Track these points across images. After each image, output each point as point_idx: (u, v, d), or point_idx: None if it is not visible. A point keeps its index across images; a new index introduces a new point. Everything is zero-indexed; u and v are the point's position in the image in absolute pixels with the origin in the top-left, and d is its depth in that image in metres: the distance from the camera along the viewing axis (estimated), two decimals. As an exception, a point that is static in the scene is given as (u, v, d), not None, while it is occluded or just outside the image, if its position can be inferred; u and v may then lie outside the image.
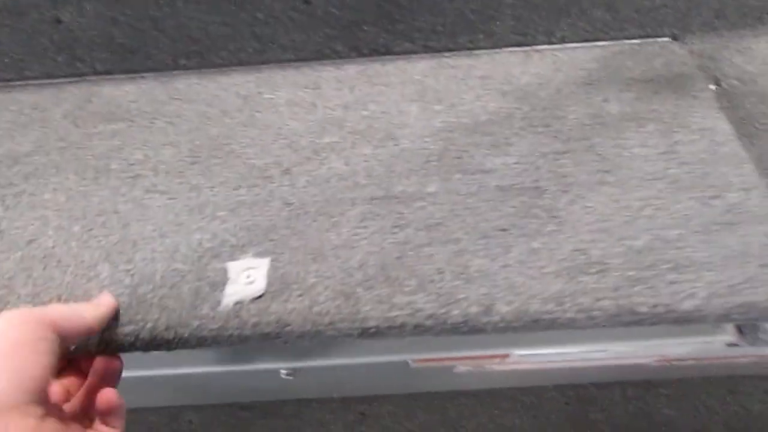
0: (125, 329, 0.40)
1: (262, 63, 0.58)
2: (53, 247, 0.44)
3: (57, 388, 0.38)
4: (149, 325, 0.39)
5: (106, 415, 0.36)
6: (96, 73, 0.59)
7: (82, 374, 0.39)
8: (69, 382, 0.39)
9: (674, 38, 0.56)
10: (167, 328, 0.39)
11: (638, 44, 0.55)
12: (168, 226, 0.45)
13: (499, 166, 0.46)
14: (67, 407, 0.37)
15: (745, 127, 0.50)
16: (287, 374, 0.47)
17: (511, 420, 0.69)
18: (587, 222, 0.42)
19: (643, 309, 0.38)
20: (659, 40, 0.55)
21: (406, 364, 0.41)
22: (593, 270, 0.40)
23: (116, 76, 0.58)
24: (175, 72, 0.58)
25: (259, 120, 0.52)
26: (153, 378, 0.39)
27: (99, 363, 0.39)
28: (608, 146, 0.47)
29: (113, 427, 0.37)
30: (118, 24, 0.59)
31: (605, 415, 0.69)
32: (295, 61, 0.57)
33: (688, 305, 0.38)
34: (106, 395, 0.36)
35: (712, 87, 0.52)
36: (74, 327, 0.35)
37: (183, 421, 0.73)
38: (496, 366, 0.54)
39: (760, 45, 0.55)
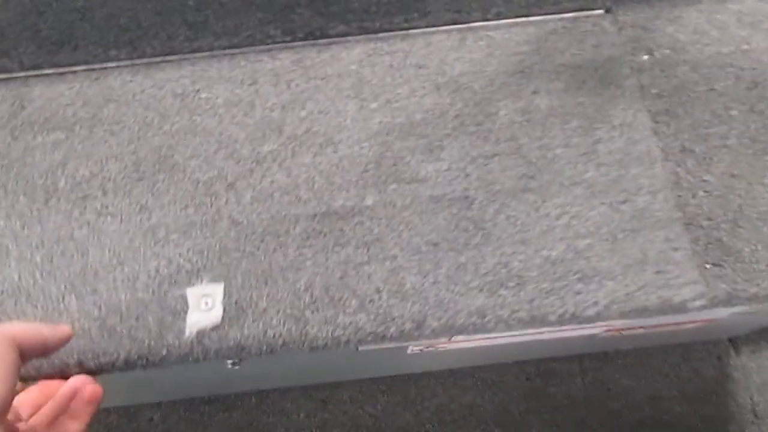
0: (101, 360, 0.46)
1: (195, 51, 0.58)
2: (19, 280, 0.48)
3: (24, 403, 0.42)
4: (122, 356, 0.46)
5: (86, 406, 0.40)
6: (23, 68, 0.58)
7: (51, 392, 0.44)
8: (35, 398, 0.43)
9: (608, 11, 0.57)
10: (139, 357, 0.46)
11: (572, 19, 0.56)
12: (125, 252, 0.49)
13: (432, 174, 0.50)
14: (34, 420, 0.40)
15: (678, 95, 0.53)
16: (232, 364, 0.54)
17: (473, 398, 0.79)
18: (510, 233, 0.48)
19: (552, 318, 0.45)
20: (593, 13, 0.57)
21: (354, 348, 0.48)
22: (512, 284, 0.46)
23: (46, 73, 0.58)
24: (106, 66, 0.57)
25: (199, 125, 0.54)
26: (107, 377, 0.45)
27: (73, 381, 0.43)
28: (534, 147, 0.51)
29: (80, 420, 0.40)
30: (44, 15, 0.58)
31: (565, 388, 0.80)
32: (228, 47, 0.58)
33: (590, 312, 0.45)
34: (91, 387, 0.40)
35: (645, 57, 0.55)
36: (33, 345, 0.38)
37: (143, 419, 0.80)
38: (448, 345, 0.62)
39: (691, 14, 0.56)
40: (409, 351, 0.61)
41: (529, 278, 0.46)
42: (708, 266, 0.47)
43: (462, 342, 0.60)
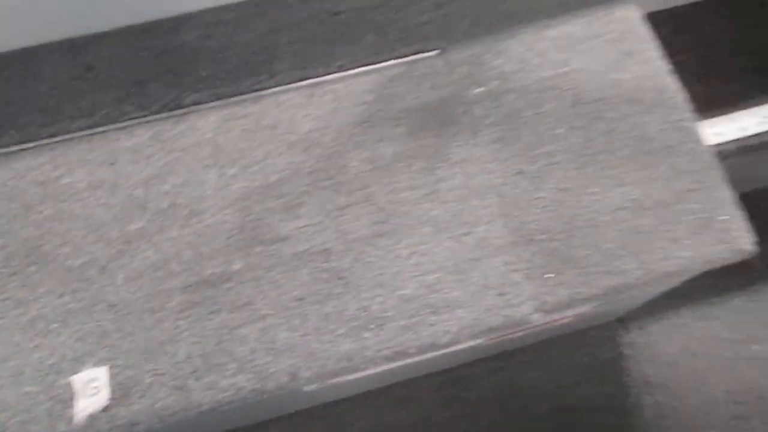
0: (-3, 458, 0.51)
1: (53, 136, 0.62)
2: None
3: None
4: (17, 451, 0.51)
5: None
6: None
7: None
8: None
9: (441, 52, 0.65)
10: (34, 449, 0.51)
11: (409, 63, 0.64)
12: (6, 348, 0.54)
13: (292, 232, 0.58)
14: None
15: (509, 122, 0.62)
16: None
17: (391, 415, 0.87)
18: (367, 278, 0.56)
19: (412, 351, 0.54)
20: (428, 55, 0.65)
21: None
22: (373, 326, 0.54)
23: None
24: (-36, 163, 0.62)
25: (65, 212, 0.59)
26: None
27: None
28: (383, 193, 0.59)
29: None
30: None
31: (475, 392, 0.89)
32: (86, 128, 0.63)
33: (445, 340, 0.54)
34: None
35: (478, 90, 0.64)
36: None
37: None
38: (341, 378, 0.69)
39: (515, 45, 0.65)
40: (306, 389, 0.69)
41: (387, 318, 0.54)
42: (548, 276, 0.57)
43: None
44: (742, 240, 0.59)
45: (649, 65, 0.65)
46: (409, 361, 0.55)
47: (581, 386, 0.92)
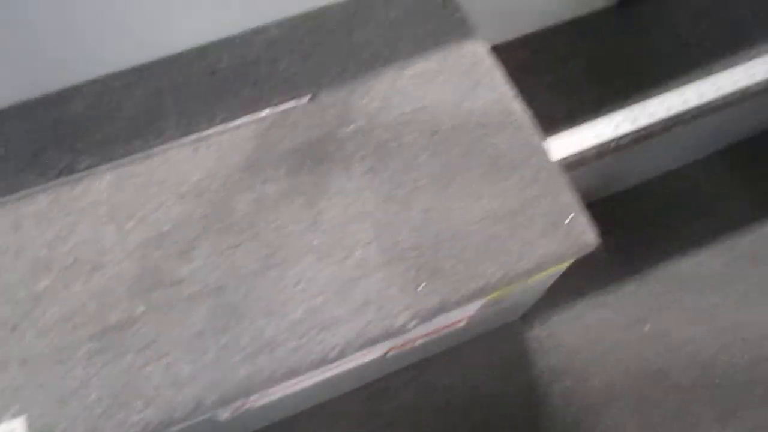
0: None
1: (-43, 211, 0.67)
2: None
3: None
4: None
5: None
6: None
7: None
8: None
9: (312, 97, 0.73)
10: (-41, 505, 0.55)
11: (285, 111, 0.72)
12: (-74, 414, 0.58)
13: (188, 274, 0.63)
14: None
15: (377, 154, 0.70)
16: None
17: None
18: (260, 308, 0.62)
19: (304, 367, 0.60)
20: (301, 101, 0.72)
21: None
22: (267, 349, 0.60)
23: None
24: None
25: (-26, 280, 0.64)
26: None
27: None
28: (269, 230, 0.66)
29: None
30: None
31: (396, 401, 0.95)
32: (-12, 200, 0.67)
33: (333, 354, 0.61)
34: None
35: (348, 128, 0.71)
36: None
37: None
38: (257, 402, 0.75)
39: (378, 85, 0.73)
40: (221, 419, 0.74)
41: (279, 341, 0.61)
42: (420, 288, 0.64)
43: (269, 396, 0.74)
44: (587, 236, 0.68)
45: (497, 92, 0.74)
46: (324, 377, 0.62)
47: (493, 383, 1.00)
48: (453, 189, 0.69)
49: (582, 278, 1.06)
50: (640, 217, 1.12)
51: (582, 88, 0.94)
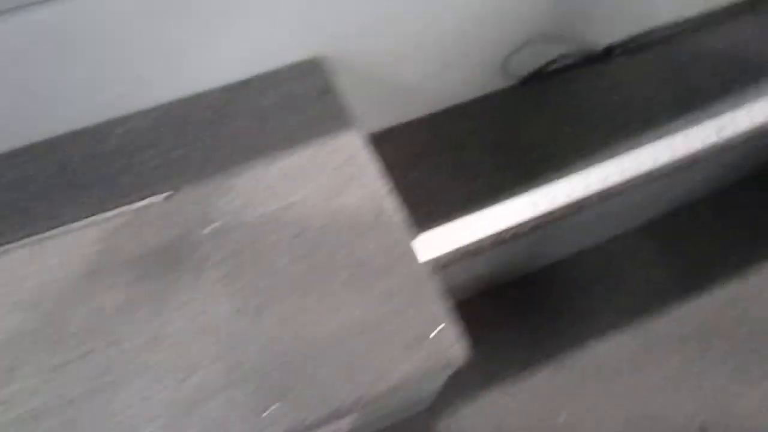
0: None
1: None
2: None
3: None
4: None
5: None
6: None
7: None
8: None
9: (171, 194, 0.68)
10: None
11: (139, 209, 0.67)
12: None
13: (7, 397, 0.57)
14: None
15: (235, 258, 0.65)
16: None
17: None
18: (81, 439, 0.56)
19: None
20: (157, 199, 0.67)
21: None
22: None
23: None
24: None
25: None
26: None
27: None
28: (103, 346, 0.60)
29: None
30: None
31: None
32: None
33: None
34: None
35: (206, 230, 0.67)
36: None
37: None
38: None
39: (243, 181, 0.69)
40: None
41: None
42: (266, 413, 0.59)
43: None
44: (455, 349, 0.63)
45: (369, 189, 0.70)
46: None
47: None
48: (312, 298, 0.64)
49: (494, 363, 1.01)
50: (555, 298, 1.08)
51: (481, 172, 0.91)
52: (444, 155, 0.91)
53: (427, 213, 0.73)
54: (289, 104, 0.74)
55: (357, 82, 0.83)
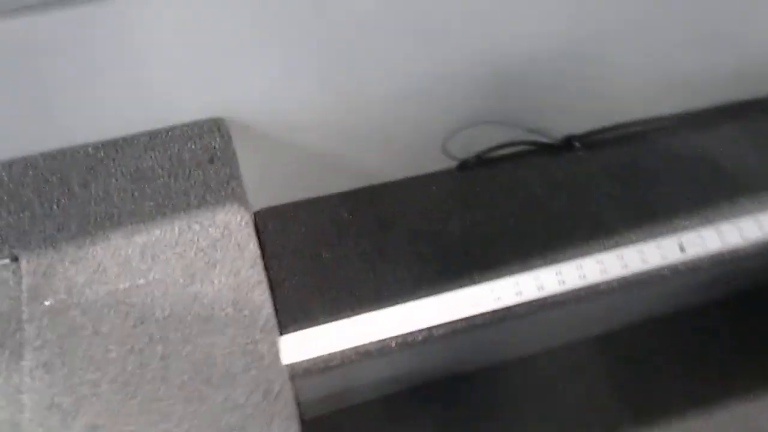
0: None
1: None
2: None
3: None
4: None
5: None
6: None
7: None
8: None
9: (14, 259, 0.60)
10: None
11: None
12: None
13: None
14: None
15: (61, 344, 0.56)
16: None
17: None
18: None
19: None
20: (-4, 263, 0.60)
21: None
22: None
23: None
24: None
25: None
26: None
27: None
28: None
29: None
30: None
31: None
32: None
33: None
34: None
35: (40, 306, 0.58)
36: None
37: None
38: None
39: (96, 252, 0.61)
40: None
41: None
42: None
43: None
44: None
45: (237, 276, 0.61)
46: None
47: None
48: (137, 401, 0.54)
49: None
50: (476, 409, 0.96)
51: (402, 262, 0.81)
52: (359, 238, 0.82)
53: (319, 307, 0.64)
54: (172, 168, 0.66)
55: (264, 149, 0.75)
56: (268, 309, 0.60)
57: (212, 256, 0.62)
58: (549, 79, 0.80)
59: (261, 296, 0.60)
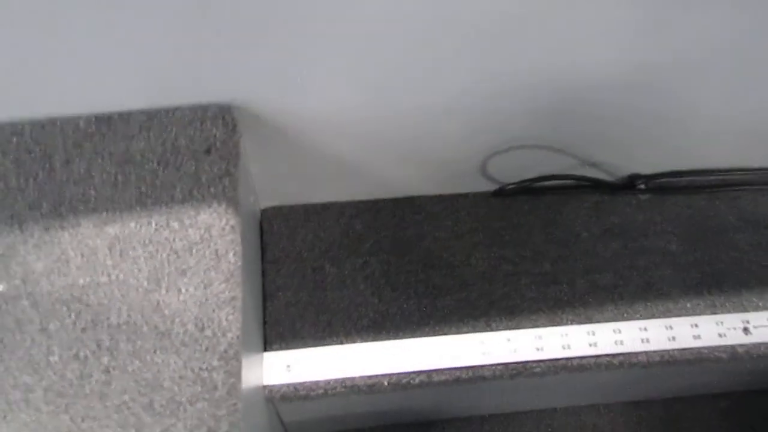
0: None
1: None
2: None
3: None
4: None
5: None
6: None
7: None
8: None
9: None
10: None
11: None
12: None
13: None
14: None
15: (3, 339, 0.51)
16: None
17: None
18: None
19: None
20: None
21: None
22: None
23: None
24: None
25: None
26: None
27: None
28: None
29: None
30: None
31: None
32: None
33: None
34: None
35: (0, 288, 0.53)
36: None
37: None
38: None
39: (64, 237, 0.55)
40: None
41: None
42: None
43: None
44: None
45: (207, 290, 0.54)
46: None
47: None
48: (67, 418, 0.48)
49: None
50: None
51: (411, 292, 0.72)
52: (369, 256, 0.73)
53: (311, 327, 0.57)
54: (164, 154, 0.60)
55: (279, 143, 0.68)
56: (234, 333, 0.52)
57: (185, 261, 0.55)
58: (618, 108, 0.69)
59: (229, 316, 0.53)
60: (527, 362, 0.67)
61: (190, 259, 0.55)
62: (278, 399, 0.66)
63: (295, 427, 0.82)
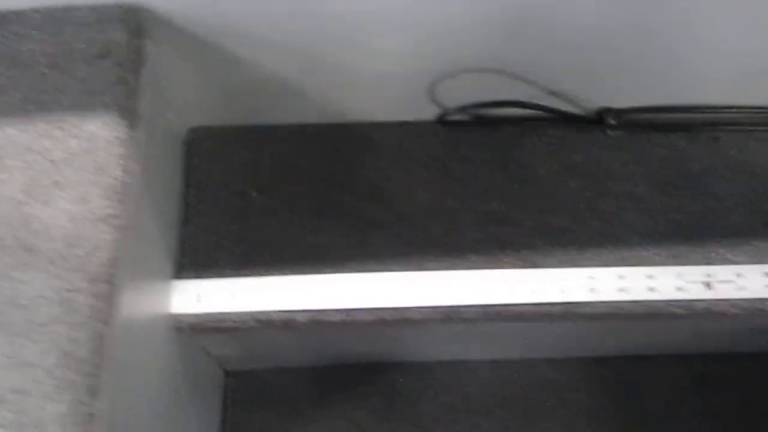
0: None
1: None
2: None
3: None
4: None
5: None
6: None
7: None
8: None
9: None
10: None
11: None
12: None
13: None
14: None
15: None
16: None
17: None
18: None
19: None
20: None
21: None
22: None
23: None
24: None
25: None
26: None
27: None
28: None
29: None
30: None
31: None
32: None
33: None
34: None
35: None
36: None
37: None
38: None
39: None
40: None
41: None
42: None
43: None
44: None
45: (83, 205, 0.49)
46: None
47: None
48: None
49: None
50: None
51: (344, 225, 0.67)
52: (300, 185, 0.68)
53: (228, 257, 0.52)
54: (56, 57, 0.54)
55: (207, 55, 0.62)
56: (105, 253, 0.48)
57: (62, 173, 0.50)
58: (587, 27, 0.60)
59: (103, 235, 0.48)
60: (458, 306, 0.62)
61: (67, 170, 0.50)
62: (188, 329, 0.62)
63: (227, 360, 0.79)
